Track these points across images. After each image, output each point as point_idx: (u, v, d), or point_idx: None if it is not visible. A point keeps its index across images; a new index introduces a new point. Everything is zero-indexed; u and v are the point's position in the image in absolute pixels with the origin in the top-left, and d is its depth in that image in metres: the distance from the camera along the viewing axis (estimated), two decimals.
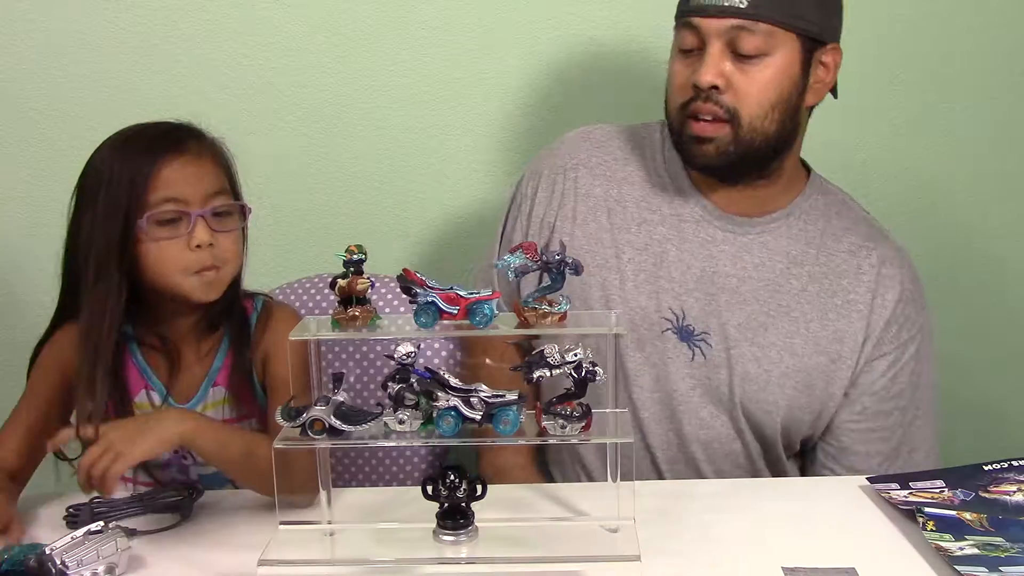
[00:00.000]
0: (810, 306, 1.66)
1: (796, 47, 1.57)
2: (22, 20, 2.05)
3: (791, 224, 1.69)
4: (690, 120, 1.60)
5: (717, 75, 1.55)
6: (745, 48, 1.55)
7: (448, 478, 1.25)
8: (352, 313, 1.25)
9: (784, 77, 1.57)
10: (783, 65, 1.57)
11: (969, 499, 1.43)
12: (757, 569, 1.28)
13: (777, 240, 1.68)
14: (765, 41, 1.55)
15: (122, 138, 1.50)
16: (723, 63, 1.56)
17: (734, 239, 1.68)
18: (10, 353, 2.17)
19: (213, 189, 1.48)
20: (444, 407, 1.23)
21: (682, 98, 1.60)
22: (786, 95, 1.58)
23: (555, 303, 1.24)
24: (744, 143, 1.58)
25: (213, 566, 1.31)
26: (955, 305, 2.21)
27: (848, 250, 1.68)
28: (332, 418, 1.24)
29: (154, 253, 1.45)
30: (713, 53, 1.56)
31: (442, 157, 2.15)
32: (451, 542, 1.26)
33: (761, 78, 1.56)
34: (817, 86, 1.63)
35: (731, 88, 1.56)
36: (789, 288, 1.66)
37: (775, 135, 1.60)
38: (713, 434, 1.67)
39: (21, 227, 2.12)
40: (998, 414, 2.29)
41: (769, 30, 1.54)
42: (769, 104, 1.57)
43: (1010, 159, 2.22)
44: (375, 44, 2.10)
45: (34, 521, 1.40)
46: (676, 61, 1.63)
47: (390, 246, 2.16)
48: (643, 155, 1.74)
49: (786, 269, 1.66)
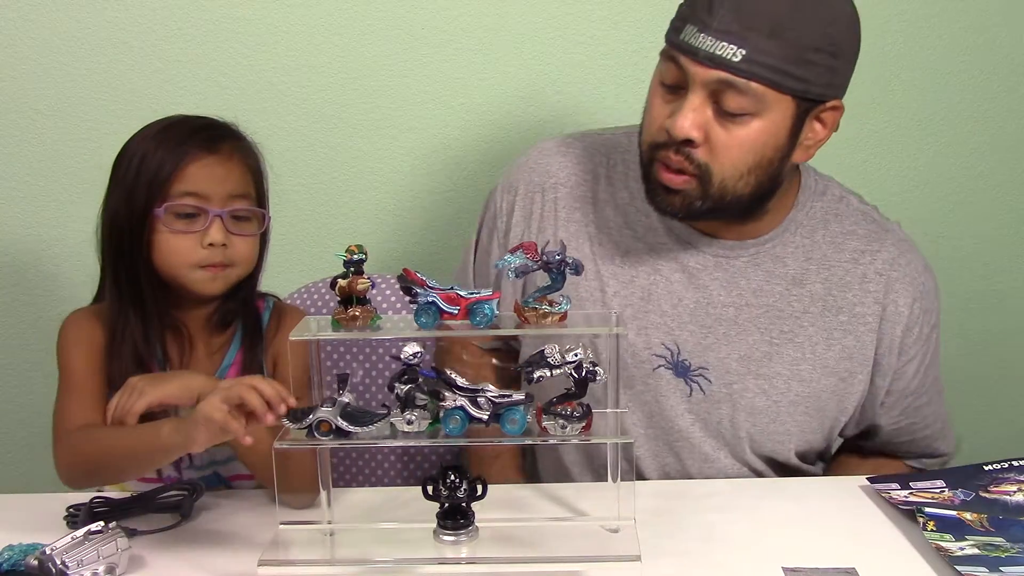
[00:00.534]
0: (815, 328, 1.55)
1: (790, 109, 1.40)
2: (22, 20, 2.05)
3: (787, 241, 1.56)
4: (659, 164, 1.45)
5: (693, 128, 1.39)
6: (729, 106, 1.38)
7: (448, 478, 1.25)
8: (352, 313, 1.25)
9: (768, 139, 1.41)
10: (770, 128, 1.40)
11: (969, 499, 1.43)
12: (757, 569, 1.28)
13: (773, 261, 1.56)
14: (753, 102, 1.37)
15: (161, 126, 1.51)
16: (704, 114, 1.39)
17: (727, 264, 1.56)
18: (9, 354, 2.18)
19: (236, 191, 1.49)
20: (451, 407, 1.23)
21: (656, 138, 1.45)
22: (767, 159, 1.42)
23: (555, 303, 1.24)
24: (713, 199, 1.44)
25: (213, 566, 1.31)
26: (955, 305, 2.21)
27: (851, 259, 1.56)
28: (339, 419, 1.24)
29: (167, 243, 1.47)
30: (694, 102, 1.39)
31: (442, 157, 2.15)
32: (451, 542, 1.26)
33: (741, 139, 1.40)
34: (808, 144, 1.46)
35: (707, 143, 1.40)
36: (791, 311, 1.55)
37: (748, 196, 1.45)
38: (718, 467, 1.60)
39: (21, 227, 2.12)
40: (999, 414, 2.29)
41: (760, 91, 1.37)
42: (746, 167, 1.42)
43: (1010, 160, 2.22)
44: (375, 44, 2.10)
45: (34, 521, 1.40)
46: (656, 92, 1.47)
47: (390, 246, 2.16)
48: (626, 172, 1.60)
49: (786, 291, 1.56)
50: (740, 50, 1.35)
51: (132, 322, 1.49)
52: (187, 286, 1.49)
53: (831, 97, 1.43)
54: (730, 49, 1.35)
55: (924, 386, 1.63)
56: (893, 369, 1.59)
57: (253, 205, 1.52)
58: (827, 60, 1.39)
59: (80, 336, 1.51)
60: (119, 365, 1.48)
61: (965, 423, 2.15)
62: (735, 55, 1.35)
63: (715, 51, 1.35)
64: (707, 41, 1.36)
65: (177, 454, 1.39)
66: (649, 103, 1.48)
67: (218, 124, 1.54)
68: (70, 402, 1.47)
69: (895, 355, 1.58)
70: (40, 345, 2.15)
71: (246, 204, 1.50)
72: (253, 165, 1.54)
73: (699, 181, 1.43)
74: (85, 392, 1.47)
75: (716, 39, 1.36)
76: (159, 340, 1.52)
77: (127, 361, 1.48)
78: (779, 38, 1.35)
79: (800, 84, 1.38)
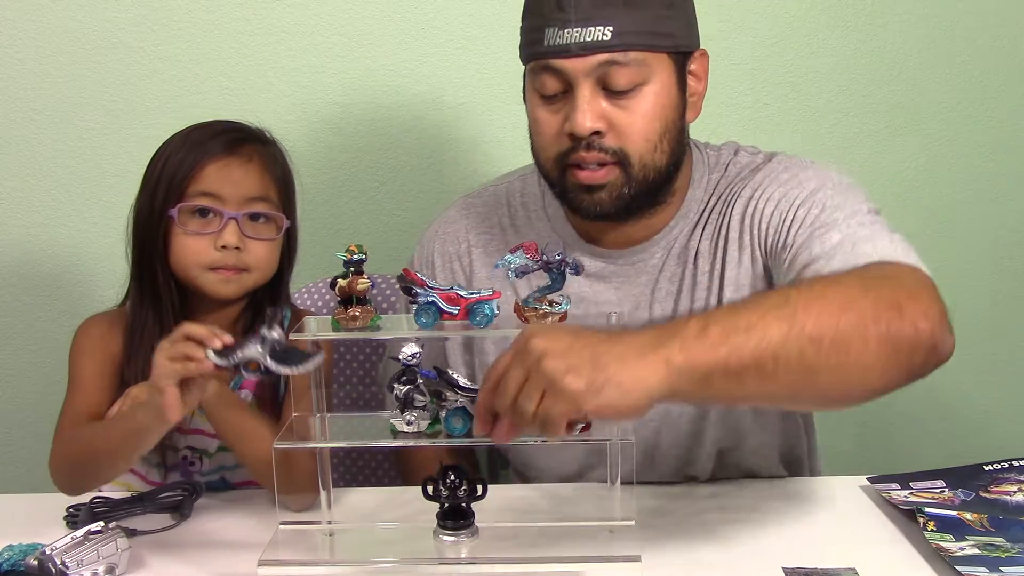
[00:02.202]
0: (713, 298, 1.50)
1: (670, 67, 1.42)
2: (22, 20, 2.05)
3: (688, 223, 1.53)
4: (573, 169, 1.43)
5: (595, 120, 1.38)
6: (619, 83, 1.38)
7: (448, 478, 1.25)
8: (352, 313, 1.25)
9: (665, 102, 1.42)
10: (661, 90, 1.41)
11: (970, 499, 1.43)
12: (757, 570, 1.27)
13: (680, 241, 1.53)
14: (638, 71, 1.38)
15: (191, 128, 1.52)
16: (598, 104, 1.39)
17: (643, 265, 1.54)
18: (9, 354, 2.18)
19: (253, 194, 1.48)
20: (453, 407, 1.23)
21: (558, 148, 1.43)
22: (671, 121, 1.43)
23: (555, 303, 1.24)
24: (638, 181, 1.43)
25: (213, 566, 1.31)
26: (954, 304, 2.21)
27: (739, 214, 1.50)
28: (268, 359, 1.20)
29: (181, 243, 1.47)
30: (585, 95, 1.38)
31: (442, 157, 2.15)
32: (451, 542, 1.26)
33: (642, 111, 1.40)
34: (693, 99, 1.47)
35: (613, 129, 1.40)
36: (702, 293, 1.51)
37: (667, 165, 1.44)
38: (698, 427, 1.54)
39: (20, 227, 2.12)
40: (998, 414, 2.29)
41: (640, 58, 1.38)
42: (656, 136, 1.42)
43: (1010, 160, 2.23)
44: (375, 44, 2.10)
45: (34, 521, 1.40)
46: (539, 108, 1.44)
47: (390, 246, 2.16)
48: (527, 216, 1.59)
49: (693, 270, 1.51)
50: (608, 28, 1.37)
51: (150, 324, 1.49)
52: (201, 288, 1.49)
53: (695, 46, 1.47)
54: (599, 31, 1.37)
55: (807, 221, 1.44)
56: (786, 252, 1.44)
57: (273, 210, 1.50)
58: (679, 13, 1.43)
59: (91, 344, 1.51)
60: (135, 366, 1.47)
61: (965, 423, 2.16)
62: (604, 34, 1.36)
63: (586, 39, 1.37)
64: (574, 33, 1.37)
65: (156, 432, 1.35)
66: (535, 120, 1.46)
67: (244, 128, 1.54)
68: (72, 409, 1.48)
69: (779, 243, 1.45)
70: (39, 345, 2.16)
71: (265, 207, 1.49)
72: (276, 170, 1.53)
73: (620, 168, 1.42)
74: (91, 400, 1.48)
75: (582, 27, 1.37)
76: None
77: (143, 363, 1.45)
78: (635, 6, 1.38)
79: (669, 40, 1.41)
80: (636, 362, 1.08)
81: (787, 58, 2.16)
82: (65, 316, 2.12)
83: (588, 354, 1.08)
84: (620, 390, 1.07)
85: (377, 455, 1.86)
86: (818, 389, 1.16)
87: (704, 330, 1.10)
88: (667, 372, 1.08)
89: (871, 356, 1.14)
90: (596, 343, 1.09)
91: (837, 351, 1.12)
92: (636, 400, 1.08)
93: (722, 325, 1.11)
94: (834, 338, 1.12)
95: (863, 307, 1.15)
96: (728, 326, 1.10)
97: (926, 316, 1.18)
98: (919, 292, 1.22)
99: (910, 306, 1.17)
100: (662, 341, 1.09)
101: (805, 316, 1.12)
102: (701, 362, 1.09)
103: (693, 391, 1.11)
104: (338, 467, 1.85)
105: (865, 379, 1.17)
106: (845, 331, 1.13)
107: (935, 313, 1.20)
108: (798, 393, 1.18)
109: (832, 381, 1.15)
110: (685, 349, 1.09)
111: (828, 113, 2.17)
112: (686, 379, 1.09)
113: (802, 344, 1.11)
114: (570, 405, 1.07)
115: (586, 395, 1.06)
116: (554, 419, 1.08)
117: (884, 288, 1.19)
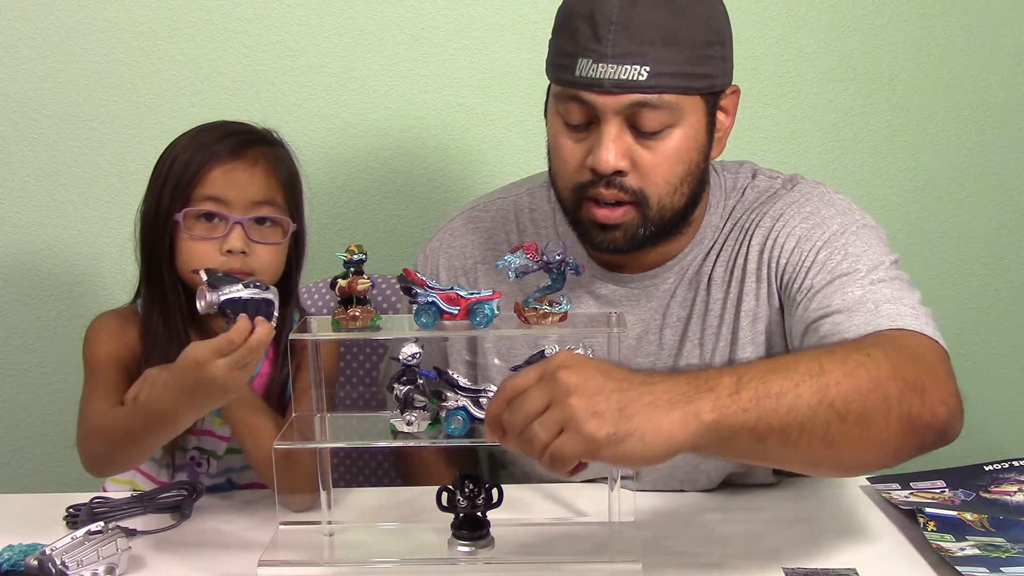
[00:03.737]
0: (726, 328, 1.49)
1: (701, 108, 1.39)
2: (22, 20, 2.05)
3: (703, 248, 1.51)
4: (590, 203, 1.40)
5: (619, 159, 1.35)
6: (648, 125, 1.35)
7: (467, 487, 1.24)
8: (352, 313, 1.25)
9: (691, 144, 1.39)
10: (689, 132, 1.38)
11: (970, 499, 1.43)
12: (758, 570, 1.27)
13: (693, 266, 1.51)
14: (669, 114, 1.35)
15: (198, 129, 1.51)
16: (624, 142, 1.36)
17: (653, 289, 1.52)
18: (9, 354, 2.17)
19: (260, 198, 1.47)
20: (453, 407, 1.23)
21: (578, 179, 1.40)
22: (694, 164, 1.40)
23: (555, 303, 1.24)
24: (654, 222, 1.41)
25: (213, 566, 1.31)
26: (955, 305, 2.21)
27: (756, 242, 1.48)
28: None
29: (187, 248, 1.46)
30: (611, 133, 1.35)
31: (442, 157, 2.15)
32: (467, 553, 1.24)
33: (667, 152, 1.37)
34: (719, 135, 1.44)
35: (636, 169, 1.37)
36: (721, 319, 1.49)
37: (684, 207, 1.42)
38: None
39: (19, 227, 2.12)
40: (998, 414, 2.29)
41: (674, 101, 1.35)
42: (678, 180, 1.39)
43: (1010, 160, 2.23)
44: (375, 44, 2.10)
45: (34, 521, 1.40)
46: (561, 135, 1.41)
47: (390, 246, 2.16)
48: (538, 235, 1.56)
49: (705, 290, 1.50)
50: (644, 68, 1.33)
51: (160, 326, 1.48)
52: None
53: (728, 83, 1.43)
54: (634, 70, 1.33)
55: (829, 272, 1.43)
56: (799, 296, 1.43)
57: (279, 213, 1.49)
58: (719, 51, 1.39)
59: (108, 333, 1.51)
60: (150, 365, 1.46)
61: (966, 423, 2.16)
62: (640, 74, 1.33)
63: (620, 76, 1.33)
64: (608, 69, 1.33)
65: (184, 421, 1.35)
66: (557, 146, 1.43)
67: (251, 129, 1.53)
68: (92, 398, 1.48)
69: (796, 283, 1.43)
70: (39, 345, 2.15)
71: (271, 211, 1.48)
72: (282, 173, 1.51)
73: (638, 208, 1.40)
74: (109, 387, 1.47)
75: (617, 64, 1.33)
76: (185, 345, 1.52)
77: (158, 362, 1.45)
78: (674, 45, 1.34)
79: (705, 81, 1.38)
80: (665, 415, 1.07)
81: (787, 58, 2.16)
82: (65, 316, 2.12)
83: (616, 400, 1.06)
84: (642, 442, 1.05)
85: (377, 455, 1.86)
86: (835, 459, 1.18)
87: (737, 391, 1.10)
88: (696, 428, 1.07)
89: (890, 434, 1.16)
90: (627, 388, 1.08)
91: (860, 427, 1.14)
92: (655, 453, 1.07)
93: (754, 388, 1.10)
94: (860, 415, 1.14)
95: (889, 388, 1.16)
96: (761, 391, 1.10)
97: (944, 402, 1.21)
98: (941, 374, 1.24)
99: (932, 390, 1.20)
100: (694, 395, 1.09)
101: (836, 391, 1.13)
102: (730, 423, 1.09)
103: (714, 447, 1.11)
104: (338, 467, 1.85)
105: (880, 454, 1.19)
106: (870, 409, 1.15)
107: (953, 401, 1.22)
108: (816, 461, 1.19)
109: (849, 453, 1.17)
110: (718, 408, 1.08)
111: (828, 113, 2.17)
112: (711, 436, 1.08)
113: (829, 418, 1.13)
114: (586, 449, 1.06)
115: (606, 444, 1.05)
116: (565, 458, 1.07)
117: (910, 371, 1.20)
